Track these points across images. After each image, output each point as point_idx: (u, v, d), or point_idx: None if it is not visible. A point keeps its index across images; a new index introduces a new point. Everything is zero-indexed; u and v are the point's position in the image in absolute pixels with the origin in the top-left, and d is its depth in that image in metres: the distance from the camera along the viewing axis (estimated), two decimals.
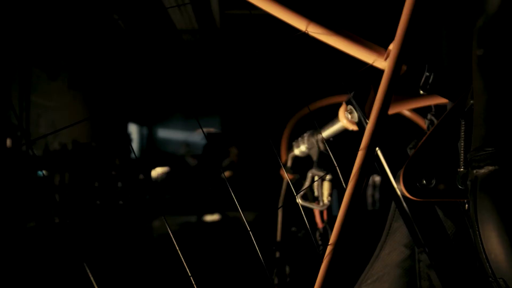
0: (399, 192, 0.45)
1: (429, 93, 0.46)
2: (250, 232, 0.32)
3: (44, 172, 2.96)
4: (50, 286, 1.91)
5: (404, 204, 0.45)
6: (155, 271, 2.02)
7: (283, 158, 1.03)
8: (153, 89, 4.84)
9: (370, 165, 0.41)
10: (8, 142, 2.91)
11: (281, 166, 0.97)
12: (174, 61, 4.47)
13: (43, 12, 3.14)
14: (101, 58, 4.14)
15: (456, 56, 0.45)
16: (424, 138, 0.40)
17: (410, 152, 0.50)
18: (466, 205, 0.51)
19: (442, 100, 0.50)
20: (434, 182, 0.40)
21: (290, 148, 0.87)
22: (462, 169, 0.36)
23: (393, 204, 0.55)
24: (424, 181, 0.40)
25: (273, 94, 3.81)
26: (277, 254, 1.05)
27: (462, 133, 0.36)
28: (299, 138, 0.80)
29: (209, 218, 3.51)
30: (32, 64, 3.41)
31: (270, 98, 3.78)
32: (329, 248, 0.38)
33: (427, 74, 0.45)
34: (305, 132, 0.78)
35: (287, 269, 1.05)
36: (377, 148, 0.45)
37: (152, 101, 5.15)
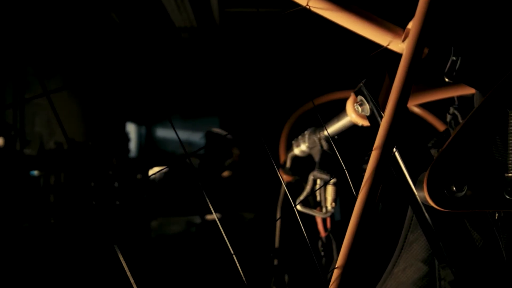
0: (419, 200, 0.37)
1: (456, 81, 0.38)
2: (234, 256, 0.24)
3: (36, 172, 2.90)
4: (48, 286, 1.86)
5: (426, 215, 0.37)
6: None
7: (282, 158, 0.95)
8: (151, 88, 4.78)
9: (387, 168, 0.33)
10: (1, 141, 2.85)
11: (279, 168, 0.90)
12: (173, 59, 4.40)
13: (39, 10, 3.08)
14: (98, 56, 4.07)
15: (490, 35, 0.37)
16: (454, 134, 0.32)
17: (433, 152, 0.42)
18: (497, 215, 0.44)
19: (469, 91, 0.42)
20: (465, 189, 0.32)
21: (289, 147, 0.79)
22: (511, 175, 0.29)
23: (409, 213, 0.47)
24: (454, 188, 0.32)
25: (272, 88, 3.71)
26: (275, 262, 0.97)
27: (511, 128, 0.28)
28: (299, 136, 0.72)
29: (209, 218, 3.44)
30: (27, 62, 3.34)
31: (269, 93, 3.69)
32: (336, 273, 0.30)
33: (454, 58, 0.37)
34: (306, 129, 0.70)
35: (286, 278, 0.97)
36: (394, 148, 0.37)
37: (151, 100, 5.08)
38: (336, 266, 0.30)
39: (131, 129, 5.27)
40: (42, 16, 3.15)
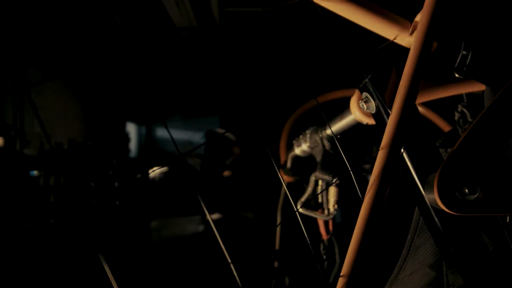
0: (428, 203, 0.35)
1: (466, 77, 0.36)
2: (232, 265, 0.23)
3: (36, 172, 2.88)
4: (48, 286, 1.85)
5: (435, 218, 0.35)
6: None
7: (282, 158, 0.93)
8: (151, 88, 4.76)
9: (394, 169, 0.31)
10: (1, 141, 2.84)
11: (279, 168, 0.88)
12: (173, 59, 4.38)
13: (39, 9, 3.06)
14: (98, 56, 4.06)
15: (502, 28, 0.35)
16: (465, 133, 0.30)
17: (440, 152, 0.40)
18: (508, 217, 0.42)
19: (478, 87, 0.40)
20: (479, 191, 0.30)
21: (290, 147, 0.77)
22: None
23: (415, 216, 0.45)
24: (466, 190, 0.30)
25: (272, 87, 3.67)
26: (276, 264, 0.96)
27: None
28: (300, 136, 0.70)
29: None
30: (28, 62, 3.33)
31: (269, 92, 3.66)
32: (341, 281, 0.28)
33: (464, 53, 0.35)
34: (307, 128, 0.67)
35: (287, 280, 0.95)
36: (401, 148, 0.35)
37: (151, 100, 5.07)
38: (341, 274, 0.28)
39: (131, 129, 5.25)
40: (41, 15, 3.14)
